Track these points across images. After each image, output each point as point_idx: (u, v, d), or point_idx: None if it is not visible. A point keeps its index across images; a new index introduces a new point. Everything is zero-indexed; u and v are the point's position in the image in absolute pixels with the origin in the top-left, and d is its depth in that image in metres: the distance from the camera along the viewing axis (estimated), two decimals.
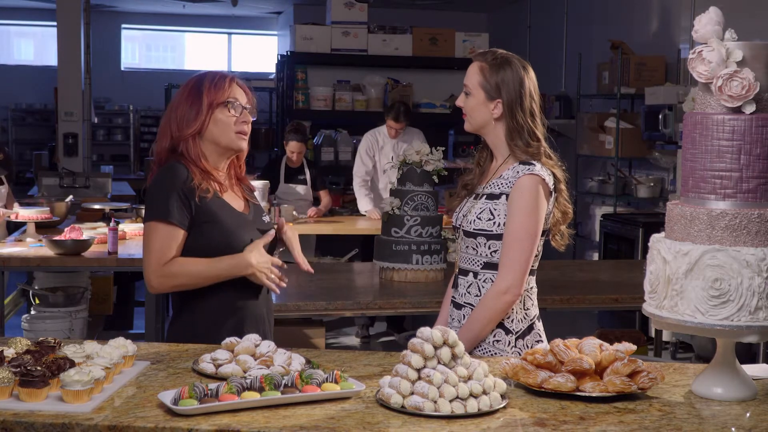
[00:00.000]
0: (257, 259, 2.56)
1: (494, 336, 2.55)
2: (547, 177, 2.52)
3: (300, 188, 7.02)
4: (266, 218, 2.76)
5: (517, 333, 2.55)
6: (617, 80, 7.81)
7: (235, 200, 2.67)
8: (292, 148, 6.89)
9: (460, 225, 2.63)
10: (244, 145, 2.65)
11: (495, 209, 2.53)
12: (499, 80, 2.52)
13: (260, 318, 2.68)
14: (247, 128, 2.64)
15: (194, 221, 2.54)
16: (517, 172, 2.51)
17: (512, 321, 2.55)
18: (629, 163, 8.26)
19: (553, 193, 2.55)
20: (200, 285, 2.56)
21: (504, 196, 2.52)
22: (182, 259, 2.54)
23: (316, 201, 7.11)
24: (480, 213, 2.55)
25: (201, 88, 2.59)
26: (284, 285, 2.62)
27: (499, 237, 2.52)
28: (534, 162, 2.52)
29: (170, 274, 2.52)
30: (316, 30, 8.46)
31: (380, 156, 6.97)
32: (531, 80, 2.56)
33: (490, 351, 2.55)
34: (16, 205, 5.66)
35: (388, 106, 7.16)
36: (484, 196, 2.57)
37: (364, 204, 6.91)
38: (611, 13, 9.33)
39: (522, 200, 2.48)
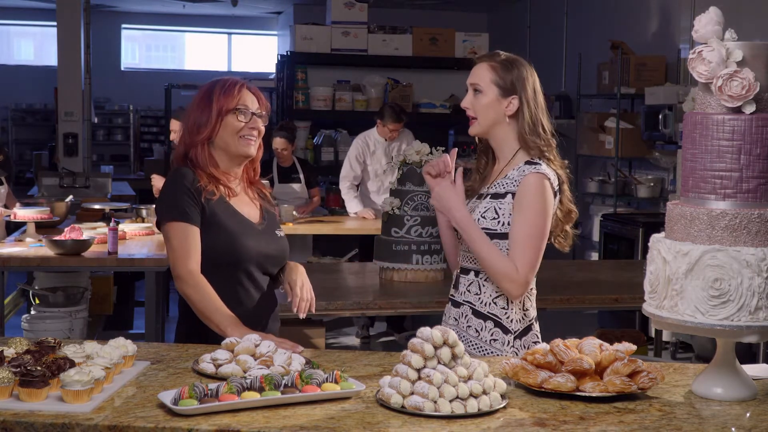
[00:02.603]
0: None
1: (492, 335, 2.55)
2: (552, 176, 2.52)
3: (296, 186, 7.03)
4: (280, 233, 2.74)
5: (515, 333, 2.55)
6: (617, 80, 7.81)
7: (246, 207, 2.68)
8: (276, 144, 6.91)
9: None
10: (253, 150, 2.65)
11: (500, 208, 2.52)
12: (514, 77, 2.53)
13: (266, 327, 2.70)
14: (256, 134, 2.64)
15: (202, 221, 2.56)
16: (523, 171, 2.51)
17: (511, 321, 2.55)
18: (629, 163, 8.25)
19: (558, 194, 2.55)
20: (198, 308, 2.52)
21: (510, 195, 2.51)
22: (207, 283, 2.52)
23: None
24: (484, 212, 2.55)
25: (212, 95, 2.62)
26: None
27: (502, 236, 2.52)
28: (540, 161, 2.53)
29: (189, 279, 2.52)
30: (316, 30, 8.46)
31: (372, 160, 6.95)
32: (537, 78, 2.60)
33: (487, 350, 2.55)
34: (17, 205, 5.66)
35: (379, 111, 7.03)
36: (489, 196, 2.57)
37: (353, 206, 6.92)
38: (611, 13, 9.33)
39: (530, 199, 2.47)
